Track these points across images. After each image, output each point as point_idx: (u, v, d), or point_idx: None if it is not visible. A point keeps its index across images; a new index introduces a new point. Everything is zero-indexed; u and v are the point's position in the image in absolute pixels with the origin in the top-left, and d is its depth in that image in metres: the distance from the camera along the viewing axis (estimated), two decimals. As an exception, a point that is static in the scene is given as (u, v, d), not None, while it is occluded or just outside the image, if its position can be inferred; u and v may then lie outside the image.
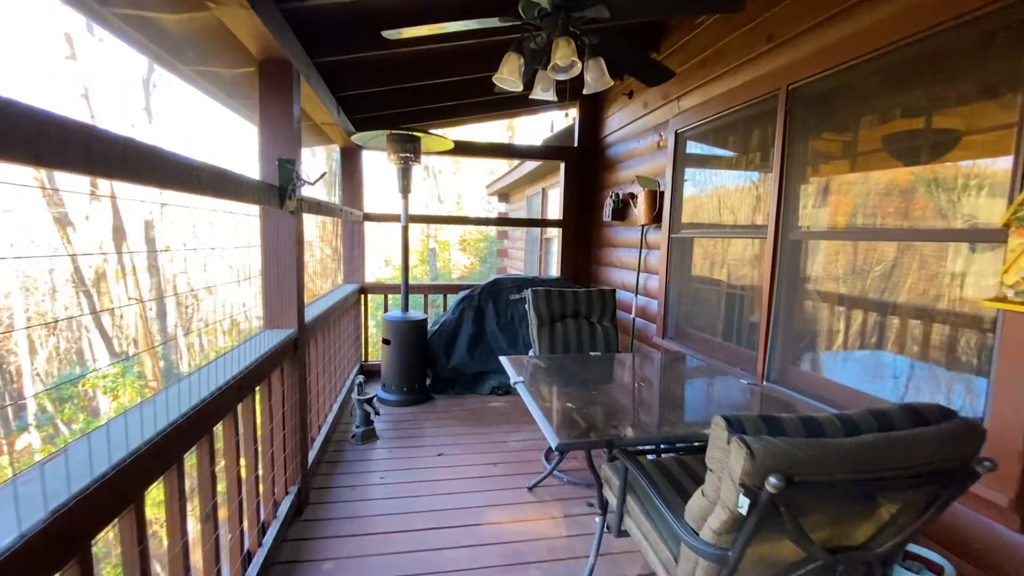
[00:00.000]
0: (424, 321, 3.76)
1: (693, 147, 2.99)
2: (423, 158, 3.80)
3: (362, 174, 4.15)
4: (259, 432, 1.90)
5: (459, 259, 12.43)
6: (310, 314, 2.58)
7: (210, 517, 1.43)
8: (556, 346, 2.95)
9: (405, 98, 3.71)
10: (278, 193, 1.86)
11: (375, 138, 3.62)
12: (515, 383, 2.09)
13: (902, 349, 1.75)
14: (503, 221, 6.14)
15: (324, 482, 2.56)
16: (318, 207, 2.49)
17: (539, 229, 6.79)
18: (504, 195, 9.20)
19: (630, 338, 3.62)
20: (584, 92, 1.87)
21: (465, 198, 14.45)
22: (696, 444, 1.87)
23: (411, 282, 3.86)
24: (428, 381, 3.96)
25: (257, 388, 1.81)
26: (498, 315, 3.92)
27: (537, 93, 1.93)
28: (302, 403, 2.25)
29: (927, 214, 1.68)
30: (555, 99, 1.96)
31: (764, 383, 2.30)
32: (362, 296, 4.21)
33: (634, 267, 3.66)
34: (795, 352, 2.23)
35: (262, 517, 1.91)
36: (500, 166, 9.10)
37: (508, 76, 1.67)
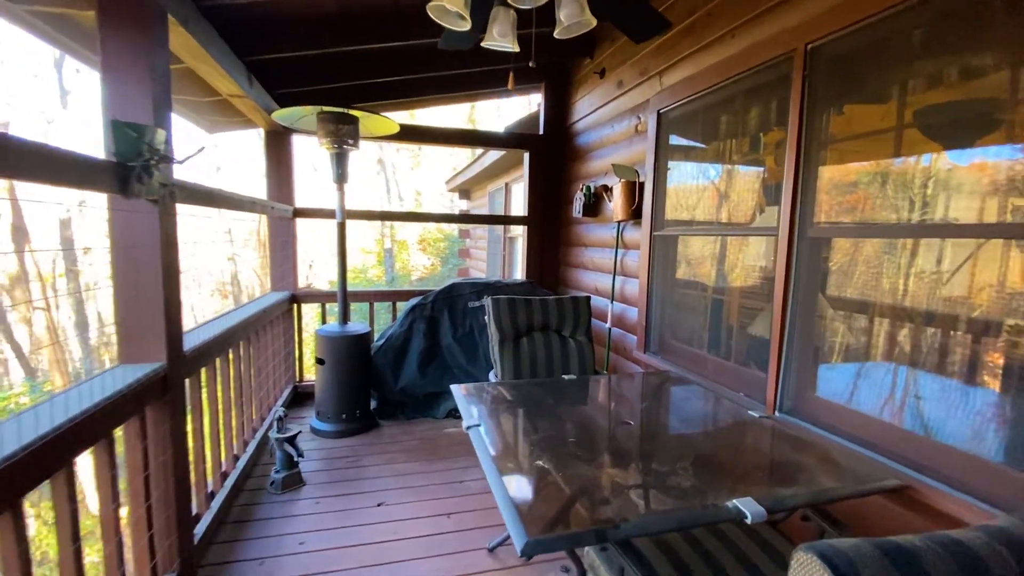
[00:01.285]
0: (367, 335, 3.19)
1: (679, 129, 2.56)
2: (379, 150, 3.22)
3: (292, 163, 3.53)
4: (94, 517, 1.31)
5: (419, 260, 11.76)
6: (203, 336, 1.98)
7: None
8: (522, 367, 2.45)
9: (342, 69, 3.13)
10: (116, 173, 1.28)
11: (303, 117, 3.02)
12: (468, 428, 1.57)
13: (971, 377, 1.34)
14: (460, 218, 5.57)
15: (224, 554, 1.97)
16: (208, 197, 1.89)
17: (502, 227, 6.29)
18: (465, 191, 8.63)
19: (606, 351, 3.17)
20: (556, 35, 1.38)
21: (425, 196, 13.74)
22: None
23: (364, 288, 3.28)
24: (374, 404, 3.39)
25: (79, 456, 1.22)
26: (454, 326, 3.39)
27: (493, 38, 1.42)
28: (178, 460, 1.66)
29: (1006, 204, 1.28)
30: (515, 48, 1.46)
31: (777, 414, 1.87)
32: (294, 306, 3.59)
33: (609, 269, 3.21)
34: (815, 375, 1.81)
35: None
36: (462, 162, 8.54)
37: (450, 4, 1.16)
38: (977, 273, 1.34)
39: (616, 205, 2.95)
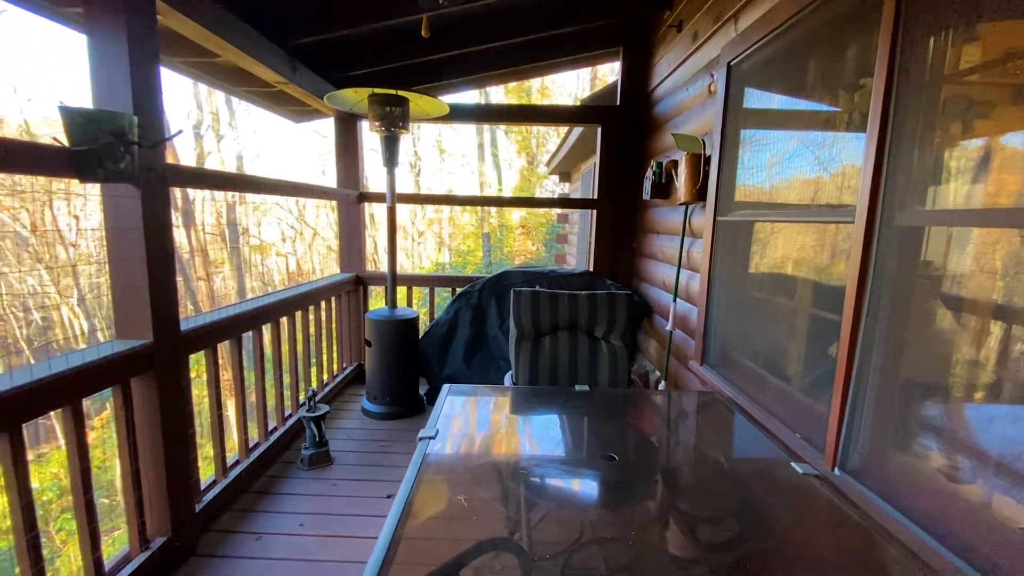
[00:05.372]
0: (414, 320, 3.16)
1: (754, 83, 1.99)
2: (480, 135, 3.15)
3: (359, 148, 3.61)
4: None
5: (524, 246, 11.70)
6: (217, 316, 2.08)
7: None
8: (540, 370, 2.17)
9: (398, 48, 3.07)
10: (69, 159, 1.32)
11: (359, 102, 3.04)
12: (420, 438, 1.38)
13: None
14: (516, 201, 5.23)
15: (232, 522, 2.07)
16: (218, 179, 1.95)
17: (591, 211, 5.84)
18: (565, 173, 8.27)
19: (665, 357, 2.70)
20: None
21: (532, 179, 13.59)
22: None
23: (424, 273, 3.27)
24: (424, 389, 3.38)
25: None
26: (502, 317, 3.19)
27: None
28: (171, 430, 1.74)
29: None
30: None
31: (836, 471, 1.35)
32: (360, 287, 3.72)
33: (675, 261, 2.72)
34: (904, 422, 1.25)
35: None
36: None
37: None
38: None
39: (681, 183, 2.45)
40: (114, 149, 1.42)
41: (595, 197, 3.55)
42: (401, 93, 2.88)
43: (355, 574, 1.80)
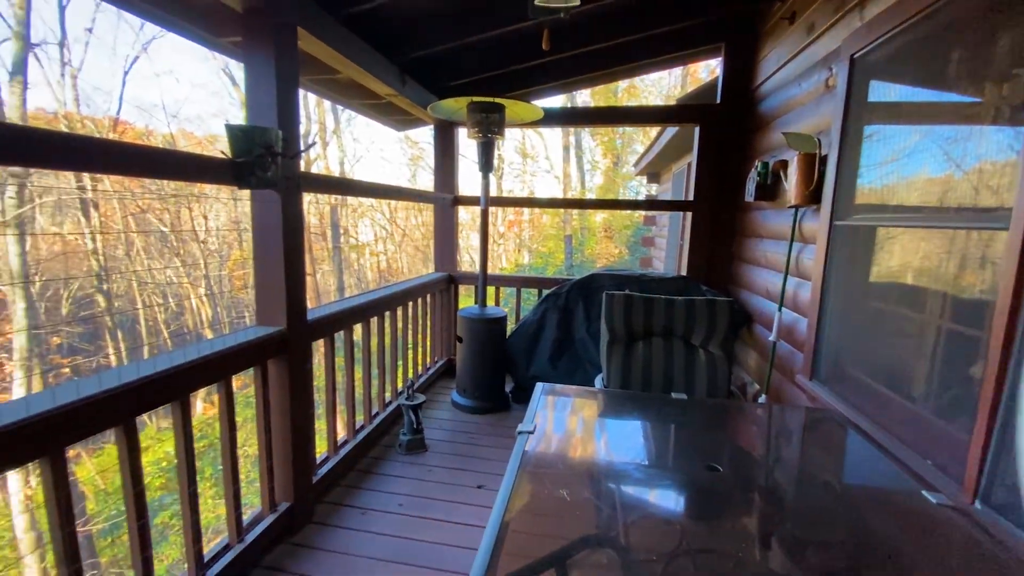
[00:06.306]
0: (503, 319, 3.26)
1: (882, 75, 1.83)
2: (568, 137, 3.25)
3: (456, 154, 3.79)
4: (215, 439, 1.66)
5: (606, 248, 11.50)
6: (343, 306, 2.30)
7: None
8: (632, 375, 2.16)
9: (495, 57, 3.19)
10: (231, 169, 1.54)
11: (459, 111, 3.20)
12: (519, 432, 1.45)
13: None
14: (602, 203, 5.07)
15: (342, 496, 2.28)
16: (336, 185, 2.16)
17: (681, 214, 5.62)
18: (654, 175, 8.01)
19: (767, 369, 2.56)
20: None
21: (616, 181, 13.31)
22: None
23: (511, 274, 3.38)
24: (510, 387, 3.48)
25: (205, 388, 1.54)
26: (589, 319, 3.19)
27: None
28: (297, 408, 1.96)
29: None
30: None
31: (976, 504, 1.21)
32: (451, 286, 3.90)
33: (781, 267, 2.56)
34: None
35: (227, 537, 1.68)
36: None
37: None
38: None
39: (792, 185, 2.31)
40: (264, 160, 1.63)
41: (690, 199, 3.43)
42: (498, 100, 2.99)
43: (451, 556, 1.91)
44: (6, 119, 7.23)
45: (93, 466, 8.06)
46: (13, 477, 6.50)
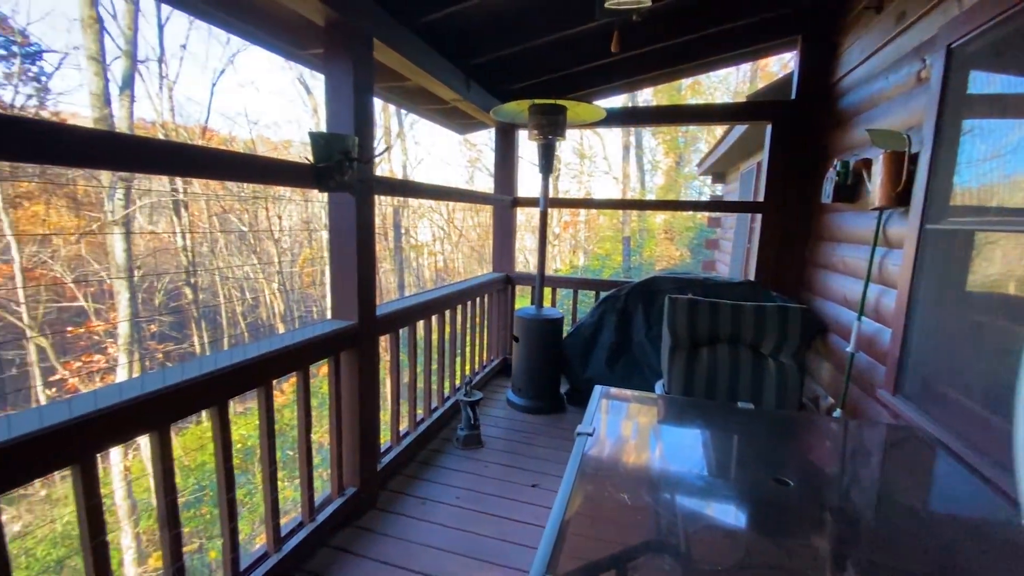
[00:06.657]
0: (559, 320, 3.27)
1: (985, 65, 1.67)
2: (629, 137, 3.24)
3: (515, 156, 3.83)
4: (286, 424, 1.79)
5: (666, 250, 11.16)
6: (399, 305, 2.40)
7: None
8: (695, 383, 2.10)
9: (558, 60, 3.20)
10: (312, 173, 1.66)
11: (520, 113, 3.24)
12: (578, 434, 1.45)
13: None
14: (663, 204, 4.89)
15: (403, 484, 2.38)
16: (403, 188, 2.26)
17: (749, 216, 5.36)
18: (719, 175, 7.68)
19: (844, 382, 2.40)
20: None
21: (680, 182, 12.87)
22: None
23: (567, 275, 3.40)
24: (565, 388, 3.48)
25: (282, 378, 1.68)
26: (648, 323, 3.12)
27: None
28: (365, 398, 2.07)
29: None
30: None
31: (1099, 545, 1.08)
32: (508, 286, 3.95)
33: (861, 274, 2.39)
34: None
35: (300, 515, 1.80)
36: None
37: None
38: None
39: (876, 186, 2.16)
40: (342, 164, 1.74)
41: (760, 200, 3.28)
42: (560, 102, 3.00)
43: (507, 551, 1.94)
44: (115, 129, 8.10)
45: (179, 444, 8.86)
46: (116, 451, 7.27)
